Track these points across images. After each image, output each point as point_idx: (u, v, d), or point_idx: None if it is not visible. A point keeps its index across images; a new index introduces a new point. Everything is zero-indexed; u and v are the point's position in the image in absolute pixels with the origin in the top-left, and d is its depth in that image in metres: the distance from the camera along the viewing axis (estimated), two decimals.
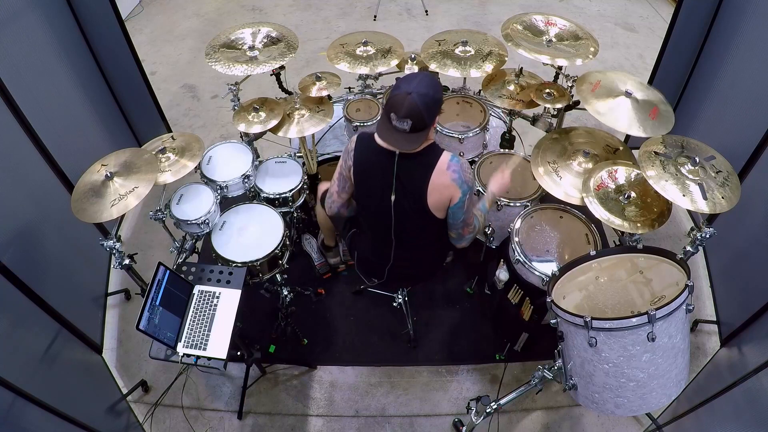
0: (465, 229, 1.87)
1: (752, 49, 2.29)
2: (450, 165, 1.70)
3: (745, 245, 2.33)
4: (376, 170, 1.77)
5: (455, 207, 1.76)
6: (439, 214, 1.79)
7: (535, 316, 2.11)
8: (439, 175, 1.70)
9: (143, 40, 4.52)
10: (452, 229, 1.88)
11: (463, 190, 1.72)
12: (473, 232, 1.92)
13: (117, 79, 2.91)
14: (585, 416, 2.29)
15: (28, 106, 2.15)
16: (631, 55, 4.24)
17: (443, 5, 4.91)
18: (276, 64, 2.22)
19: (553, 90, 2.30)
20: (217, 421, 2.31)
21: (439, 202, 1.75)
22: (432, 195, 1.72)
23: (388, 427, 2.28)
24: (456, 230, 1.87)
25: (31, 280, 1.98)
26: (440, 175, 1.70)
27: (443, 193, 1.73)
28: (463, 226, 1.85)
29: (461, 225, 1.84)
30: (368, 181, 1.82)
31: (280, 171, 2.43)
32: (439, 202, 1.75)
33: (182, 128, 3.67)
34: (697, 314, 2.54)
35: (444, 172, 1.70)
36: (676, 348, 1.49)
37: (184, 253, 2.24)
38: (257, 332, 2.46)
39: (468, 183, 1.73)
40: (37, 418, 1.73)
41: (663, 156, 1.76)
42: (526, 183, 2.34)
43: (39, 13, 2.33)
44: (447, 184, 1.71)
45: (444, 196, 1.74)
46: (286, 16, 4.84)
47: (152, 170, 1.93)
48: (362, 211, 1.98)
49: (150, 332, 1.68)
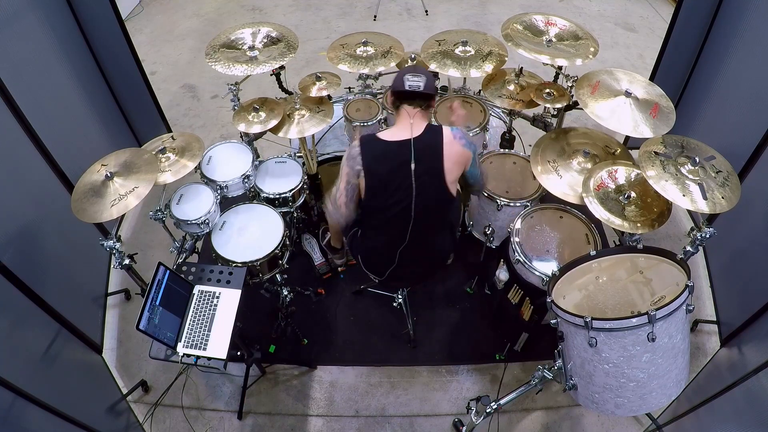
0: (484, 179, 2.04)
1: (752, 49, 2.29)
2: (455, 134, 1.84)
3: (745, 245, 2.33)
4: (390, 165, 1.81)
5: (471, 168, 1.92)
6: (454, 187, 1.89)
7: (535, 316, 2.11)
8: (450, 146, 1.82)
9: (143, 40, 4.52)
10: (474, 184, 2.04)
11: (471, 150, 1.88)
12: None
13: (117, 79, 2.91)
14: (585, 416, 2.29)
15: (28, 106, 2.15)
16: (631, 55, 4.24)
17: (443, 5, 4.91)
18: (276, 64, 2.22)
19: (553, 90, 2.30)
20: (217, 421, 2.31)
21: (457, 173, 1.87)
22: (449, 166, 1.82)
23: (388, 427, 2.28)
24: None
25: (31, 280, 1.98)
26: (451, 145, 1.82)
27: (459, 161, 1.85)
28: (482, 177, 2.01)
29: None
30: (383, 178, 1.82)
31: (280, 171, 2.43)
32: (457, 172, 1.87)
33: (182, 128, 3.67)
34: (697, 314, 2.54)
35: (453, 142, 1.83)
36: (676, 348, 1.49)
37: (184, 253, 2.24)
38: (257, 332, 2.45)
39: (473, 143, 1.89)
40: (37, 418, 1.73)
41: (663, 156, 1.76)
42: (526, 183, 2.34)
43: (39, 13, 2.33)
44: (461, 151, 1.83)
45: (460, 164, 1.86)
46: (286, 16, 4.84)
47: (152, 170, 1.93)
48: (376, 213, 1.94)
49: (150, 332, 1.68)
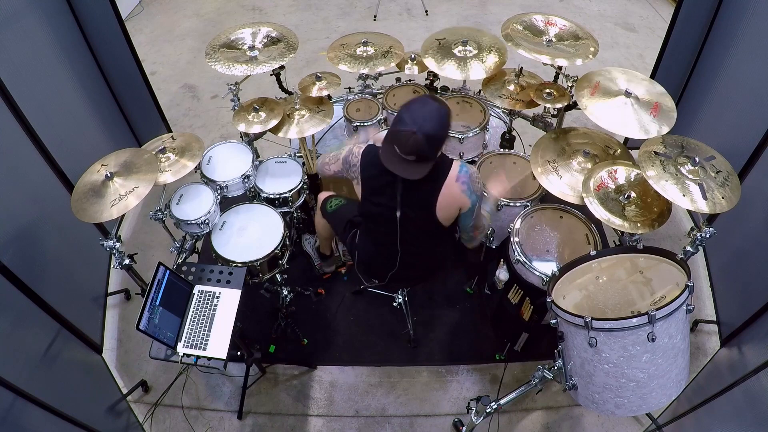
0: (475, 232, 1.91)
1: (752, 49, 2.29)
2: (459, 177, 1.70)
3: (745, 245, 2.33)
4: (382, 187, 1.76)
5: (465, 215, 1.78)
6: (447, 223, 1.80)
7: (535, 316, 2.11)
8: (449, 187, 1.70)
9: (143, 40, 4.52)
10: (463, 232, 1.90)
11: (472, 200, 1.74)
12: (483, 233, 1.95)
13: (117, 79, 2.91)
14: (585, 416, 2.29)
15: (28, 106, 2.15)
16: (631, 55, 4.23)
17: (443, 5, 4.91)
18: (276, 64, 2.22)
19: (553, 90, 2.30)
20: (217, 421, 2.31)
21: (448, 213, 1.76)
22: (441, 207, 1.73)
23: (388, 427, 2.28)
24: (467, 233, 1.90)
25: (31, 280, 1.98)
26: (450, 187, 1.70)
27: (452, 205, 1.73)
28: (473, 229, 1.88)
29: (471, 229, 1.87)
30: (375, 196, 1.80)
31: (280, 171, 2.43)
32: (449, 213, 1.76)
33: (182, 128, 3.67)
34: (697, 314, 2.54)
35: (453, 184, 1.70)
36: (676, 348, 1.49)
37: (184, 253, 2.24)
38: (257, 332, 2.46)
39: (477, 193, 1.74)
40: (37, 418, 1.73)
41: (663, 156, 1.76)
42: (526, 183, 2.34)
43: (39, 13, 2.33)
44: (457, 196, 1.71)
45: (453, 208, 1.75)
46: (286, 16, 4.84)
47: (152, 170, 1.93)
48: (368, 222, 1.97)
49: (150, 332, 1.68)
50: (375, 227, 1.94)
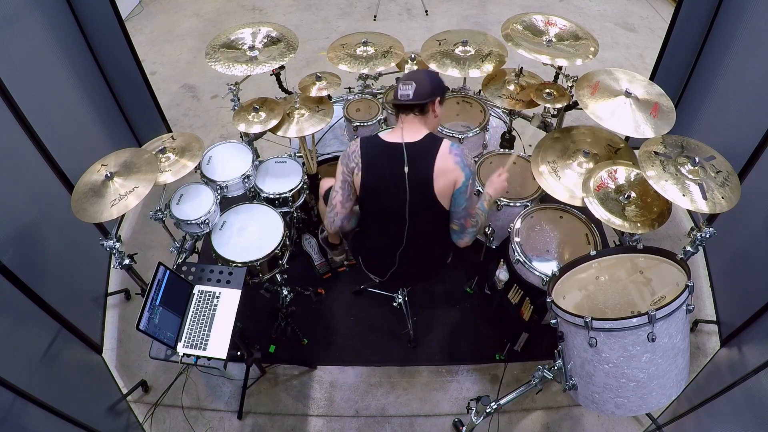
0: (468, 221, 1.89)
1: (752, 49, 2.29)
2: (451, 149, 1.79)
3: (745, 245, 2.33)
4: (385, 165, 1.81)
5: (458, 192, 1.81)
6: (444, 201, 1.84)
7: (535, 316, 2.11)
8: (442, 159, 1.77)
9: (143, 40, 4.52)
10: (455, 219, 1.89)
11: (465, 173, 1.79)
12: (475, 227, 1.93)
13: (117, 79, 2.91)
14: (585, 416, 2.29)
15: (28, 106, 2.15)
16: (631, 55, 4.24)
17: (443, 5, 4.91)
18: (276, 64, 2.22)
19: (553, 90, 2.30)
20: (217, 421, 2.31)
21: (444, 187, 1.80)
22: (438, 180, 1.78)
23: (388, 427, 2.28)
24: (458, 220, 1.88)
25: (31, 280, 1.98)
26: (444, 159, 1.77)
27: (448, 177, 1.79)
28: (465, 216, 1.87)
29: (463, 214, 1.86)
30: (380, 178, 1.83)
31: (280, 171, 2.43)
32: (445, 187, 1.80)
33: (182, 128, 3.67)
34: (697, 314, 2.54)
35: (447, 155, 1.78)
36: (676, 348, 1.49)
37: (184, 253, 2.24)
38: (257, 332, 2.46)
39: (470, 167, 1.80)
40: (37, 418, 1.73)
41: (663, 156, 1.76)
42: (526, 183, 2.34)
43: (39, 13, 2.33)
44: (451, 167, 1.78)
45: (449, 180, 1.79)
46: (286, 16, 4.84)
47: (152, 170, 1.93)
48: (374, 213, 1.96)
49: (150, 332, 1.68)
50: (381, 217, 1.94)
